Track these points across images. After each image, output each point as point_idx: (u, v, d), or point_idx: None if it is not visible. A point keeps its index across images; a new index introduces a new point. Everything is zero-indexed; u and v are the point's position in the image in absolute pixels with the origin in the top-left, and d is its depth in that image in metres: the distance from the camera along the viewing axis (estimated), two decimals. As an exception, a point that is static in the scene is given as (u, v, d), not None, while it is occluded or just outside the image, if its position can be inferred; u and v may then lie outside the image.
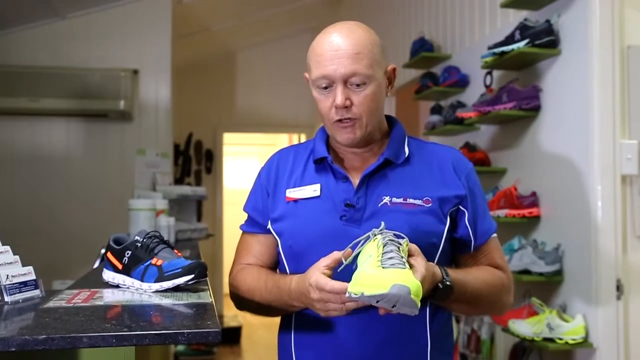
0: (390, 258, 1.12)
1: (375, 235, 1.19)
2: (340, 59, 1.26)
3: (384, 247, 1.15)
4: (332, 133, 1.35)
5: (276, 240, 1.41)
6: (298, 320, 1.36)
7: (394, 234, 1.18)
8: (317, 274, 1.19)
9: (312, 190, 1.36)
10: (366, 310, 1.19)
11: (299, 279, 1.25)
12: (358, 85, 1.28)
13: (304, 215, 1.35)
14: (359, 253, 1.19)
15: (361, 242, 1.20)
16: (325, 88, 1.30)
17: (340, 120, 1.30)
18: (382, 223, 1.21)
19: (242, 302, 1.42)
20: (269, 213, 1.41)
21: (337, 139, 1.34)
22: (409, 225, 1.29)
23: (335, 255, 1.21)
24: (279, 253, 1.41)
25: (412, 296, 1.07)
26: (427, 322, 1.33)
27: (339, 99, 1.27)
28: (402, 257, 1.14)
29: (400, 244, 1.17)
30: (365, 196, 1.33)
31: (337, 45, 1.27)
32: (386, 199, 1.32)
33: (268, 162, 1.48)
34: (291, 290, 1.28)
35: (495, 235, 1.44)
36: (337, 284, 1.16)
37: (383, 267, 1.10)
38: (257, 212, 1.44)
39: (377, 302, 1.09)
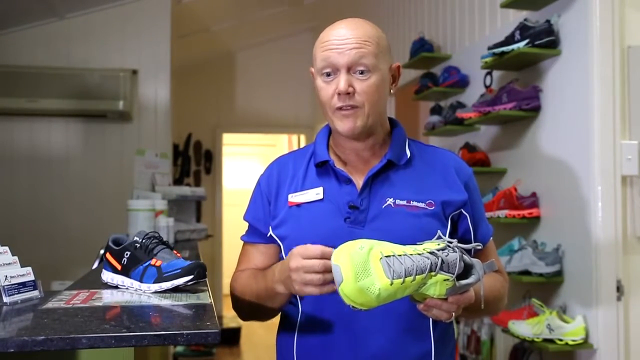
0: (401, 263, 1.06)
1: (441, 240, 1.13)
2: (346, 46, 1.27)
3: (420, 253, 1.09)
4: (332, 123, 1.33)
5: (277, 248, 1.40)
6: (302, 324, 1.35)
7: (455, 261, 1.10)
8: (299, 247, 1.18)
9: (314, 193, 1.35)
10: (373, 314, 1.19)
11: (282, 263, 1.24)
12: (362, 73, 1.27)
13: (307, 218, 1.34)
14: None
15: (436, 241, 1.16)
16: (329, 75, 1.29)
17: (341, 108, 1.29)
18: (454, 241, 1.14)
19: (239, 308, 1.42)
20: (271, 220, 1.40)
21: (337, 128, 1.32)
22: (412, 228, 1.28)
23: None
24: (281, 259, 1.39)
25: (339, 288, 1.05)
26: (431, 326, 1.33)
27: (342, 84, 1.26)
28: (412, 275, 1.05)
29: (432, 271, 1.07)
30: (369, 198, 1.32)
31: (343, 35, 1.28)
32: (390, 201, 1.32)
33: (267, 169, 1.47)
34: (275, 272, 1.26)
35: (491, 238, 1.46)
36: (320, 246, 1.14)
37: (380, 258, 1.06)
38: (257, 220, 1.43)
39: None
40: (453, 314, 1.16)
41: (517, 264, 2.59)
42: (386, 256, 1.07)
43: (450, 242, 1.13)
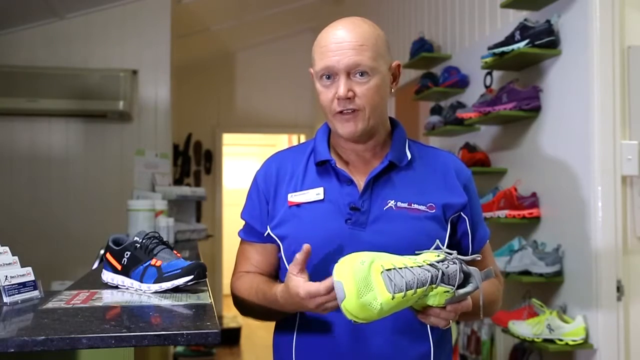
0: (402, 277, 1.05)
1: (440, 251, 1.13)
2: (344, 50, 1.26)
3: (420, 265, 1.09)
4: (333, 126, 1.33)
5: (276, 247, 1.39)
6: (301, 324, 1.34)
7: (456, 273, 1.11)
8: (299, 283, 1.18)
9: (315, 193, 1.34)
10: None
11: (283, 291, 1.24)
12: (361, 76, 1.26)
13: (307, 219, 1.33)
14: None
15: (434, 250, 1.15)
16: (328, 78, 1.29)
17: (342, 112, 1.28)
18: (454, 252, 1.15)
19: (244, 310, 1.42)
20: (269, 220, 1.38)
21: (338, 131, 1.32)
22: (413, 230, 1.28)
23: (298, 256, 1.19)
24: (280, 258, 1.39)
25: (341, 304, 1.05)
26: (429, 327, 1.32)
27: (342, 89, 1.26)
28: (414, 288, 1.05)
29: (433, 283, 1.07)
30: (370, 199, 1.31)
31: (342, 38, 1.27)
32: (391, 203, 1.31)
33: (264, 166, 1.45)
34: (279, 302, 1.26)
35: (488, 241, 1.46)
36: (313, 288, 1.15)
37: (381, 272, 1.05)
38: (254, 219, 1.41)
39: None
40: (450, 321, 1.17)
41: (517, 264, 2.59)
42: (387, 269, 1.06)
43: (450, 254, 1.13)
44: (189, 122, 6.45)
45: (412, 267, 1.08)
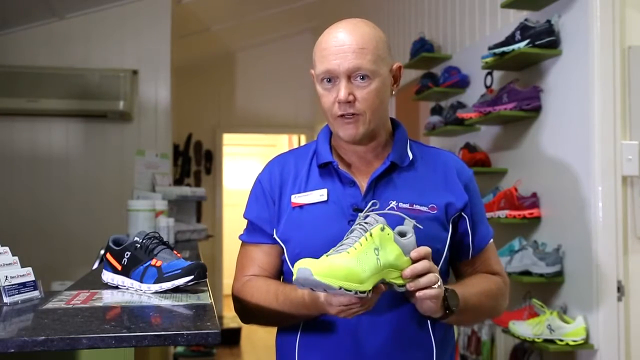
0: (342, 244, 1.13)
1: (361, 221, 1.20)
2: (345, 53, 1.26)
3: (350, 232, 1.16)
4: (334, 129, 1.33)
5: (280, 249, 1.38)
6: (305, 324, 1.33)
7: (373, 217, 1.17)
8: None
9: (318, 195, 1.34)
10: (373, 312, 1.18)
11: (310, 292, 1.22)
12: (362, 79, 1.26)
13: (311, 221, 1.33)
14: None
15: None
16: (329, 82, 1.29)
17: (342, 116, 1.28)
18: (370, 201, 1.22)
19: (249, 316, 1.40)
20: (275, 221, 1.38)
21: (339, 135, 1.32)
22: (415, 231, 1.28)
23: None
24: (284, 261, 1.38)
25: (314, 276, 1.07)
26: (430, 326, 1.32)
27: (342, 93, 1.26)
28: (358, 240, 1.13)
29: (365, 229, 1.15)
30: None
31: (342, 41, 1.27)
32: (393, 204, 1.31)
33: (267, 168, 1.45)
34: (306, 304, 1.25)
35: (491, 240, 1.45)
36: (344, 298, 1.13)
37: (327, 256, 1.11)
38: (262, 220, 1.40)
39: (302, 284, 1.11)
40: (441, 284, 1.18)
41: (517, 264, 2.59)
42: (328, 255, 1.12)
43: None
44: (189, 122, 6.45)
45: (346, 240, 1.15)
